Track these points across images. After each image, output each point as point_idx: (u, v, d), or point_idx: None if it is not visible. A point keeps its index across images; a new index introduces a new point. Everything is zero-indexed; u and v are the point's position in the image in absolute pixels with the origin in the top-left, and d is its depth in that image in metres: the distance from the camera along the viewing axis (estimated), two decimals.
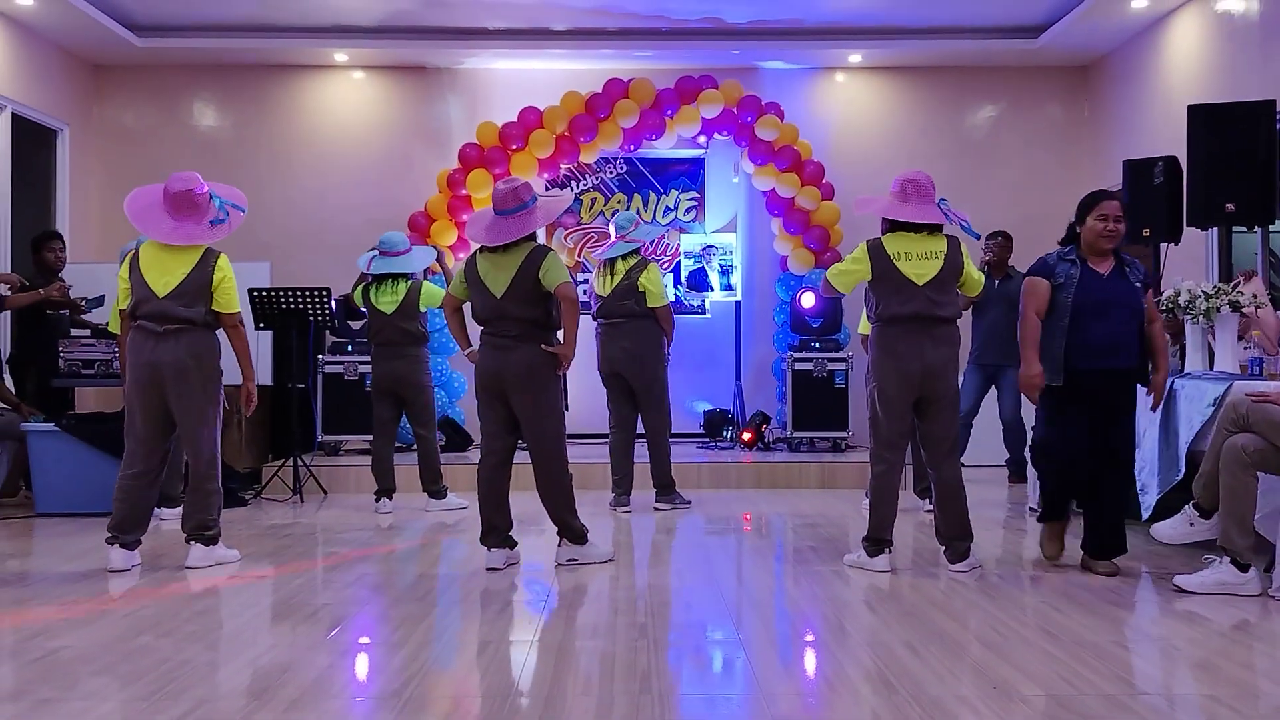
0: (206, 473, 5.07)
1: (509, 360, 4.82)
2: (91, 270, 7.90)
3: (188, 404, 4.95)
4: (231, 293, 5.05)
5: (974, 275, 4.90)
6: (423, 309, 6.80)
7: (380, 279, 6.78)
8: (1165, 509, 5.48)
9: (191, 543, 5.09)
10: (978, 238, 4.98)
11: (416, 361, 6.80)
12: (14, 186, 8.50)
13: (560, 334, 4.95)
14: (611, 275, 6.66)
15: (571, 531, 5.04)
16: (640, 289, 6.58)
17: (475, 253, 4.99)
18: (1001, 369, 7.51)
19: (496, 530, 4.98)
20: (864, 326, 5.43)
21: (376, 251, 6.81)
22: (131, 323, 4.99)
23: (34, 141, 8.91)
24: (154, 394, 4.94)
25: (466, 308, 5.07)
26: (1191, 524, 4.55)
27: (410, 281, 6.79)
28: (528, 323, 4.81)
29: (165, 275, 4.94)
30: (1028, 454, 6.80)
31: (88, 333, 7.50)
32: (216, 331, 5.08)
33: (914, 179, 4.79)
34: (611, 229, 6.91)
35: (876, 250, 4.79)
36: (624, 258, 6.68)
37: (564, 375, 4.98)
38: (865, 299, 4.95)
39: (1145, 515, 5.24)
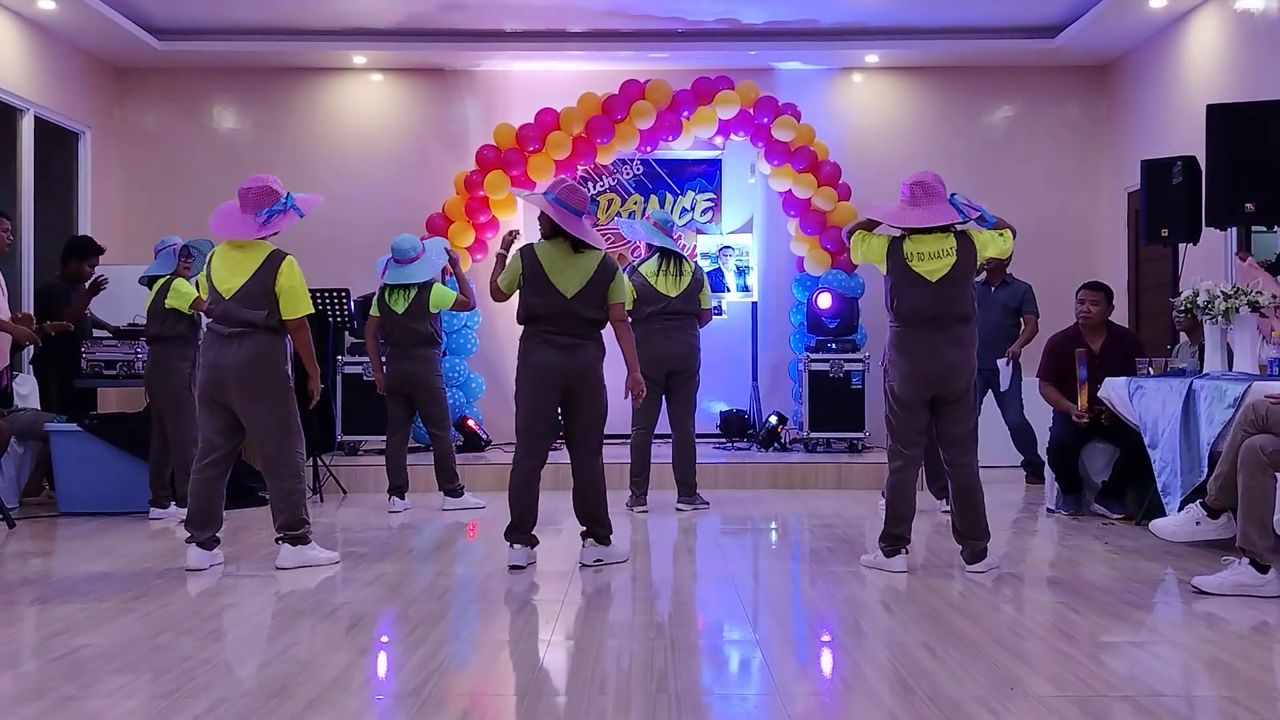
0: (277, 470, 5.01)
1: (575, 359, 4.84)
2: (113, 271, 7.95)
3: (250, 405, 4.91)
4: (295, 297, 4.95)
5: (988, 239, 4.82)
6: (433, 310, 6.82)
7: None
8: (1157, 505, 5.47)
9: (281, 543, 5.03)
10: (993, 225, 4.88)
11: (426, 362, 6.81)
12: (36, 189, 8.57)
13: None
14: (680, 276, 6.68)
15: (604, 530, 5.04)
16: (701, 289, 6.74)
17: (535, 246, 4.90)
18: (996, 372, 7.52)
19: (525, 528, 4.96)
20: None
21: (391, 258, 6.83)
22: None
23: (56, 144, 8.99)
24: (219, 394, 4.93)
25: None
26: (1198, 523, 4.52)
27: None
28: (594, 324, 4.89)
29: (231, 277, 4.91)
30: (1044, 454, 6.82)
31: (109, 334, 7.56)
32: (284, 335, 5.00)
33: (921, 181, 4.75)
34: (649, 224, 6.84)
35: (895, 248, 4.79)
36: (685, 260, 6.75)
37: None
38: (885, 298, 4.92)
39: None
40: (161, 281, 6.44)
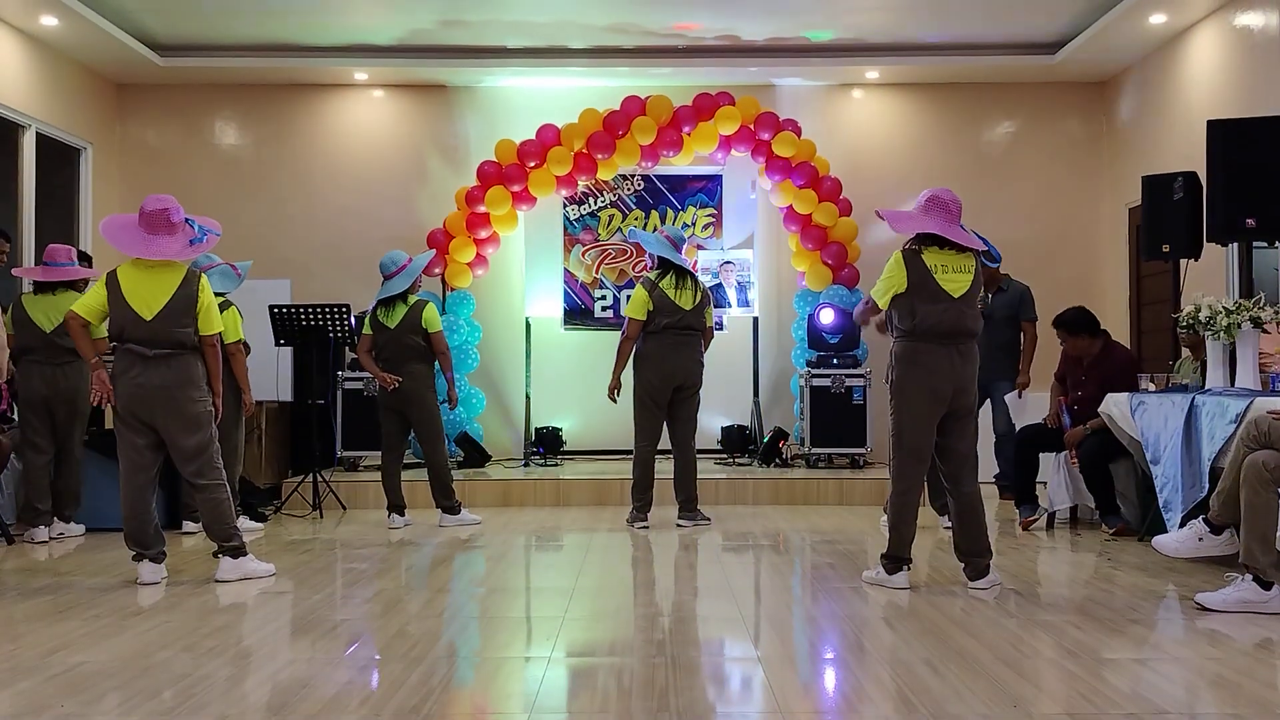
0: (201, 485, 5.07)
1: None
2: None
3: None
4: (213, 313, 5.09)
5: None
6: (425, 327, 6.75)
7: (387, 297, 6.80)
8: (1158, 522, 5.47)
9: (220, 555, 5.09)
10: (998, 261, 4.93)
11: (417, 378, 6.75)
12: (38, 205, 8.59)
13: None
14: (693, 290, 6.70)
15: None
16: (708, 306, 6.84)
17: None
18: (994, 383, 7.48)
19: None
20: None
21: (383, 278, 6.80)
22: (119, 346, 4.99)
23: (58, 160, 9.01)
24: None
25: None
26: (1201, 539, 4.51)
27: (416, 299, 6.80)
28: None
29: (152, 297, 4.96)
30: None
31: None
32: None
33: (951, 202, 4.72)
34: (664, 241, 6.76)
35: (913, 259, 4.73)
36: (693, 276, 6.78)
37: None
38: (890, 312, 4.86)
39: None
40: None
